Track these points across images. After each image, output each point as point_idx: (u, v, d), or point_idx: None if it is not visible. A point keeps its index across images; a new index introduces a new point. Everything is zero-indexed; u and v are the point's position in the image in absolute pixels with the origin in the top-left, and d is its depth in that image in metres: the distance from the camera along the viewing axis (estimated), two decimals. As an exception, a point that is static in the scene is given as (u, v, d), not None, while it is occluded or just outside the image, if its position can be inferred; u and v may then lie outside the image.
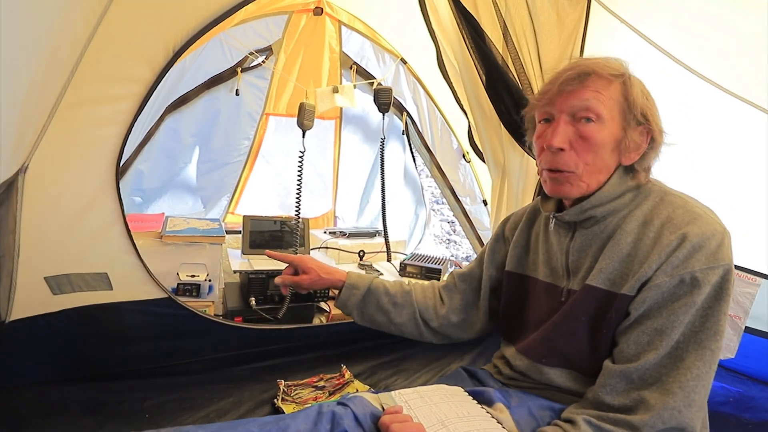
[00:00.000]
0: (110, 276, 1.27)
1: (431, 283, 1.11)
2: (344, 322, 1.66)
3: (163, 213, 1.96)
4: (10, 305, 1.16)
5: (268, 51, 2.28)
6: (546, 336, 0.84)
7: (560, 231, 0.88)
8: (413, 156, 2.68)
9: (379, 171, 2.17)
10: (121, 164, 1.19)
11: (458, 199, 2.48)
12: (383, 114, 2.08)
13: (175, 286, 1.53)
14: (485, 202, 2.41)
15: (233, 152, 2.47)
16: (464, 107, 1.97)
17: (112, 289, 1.28)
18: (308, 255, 1.23)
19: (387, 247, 2.18)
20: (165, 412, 1.24)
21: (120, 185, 1.20)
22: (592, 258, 0.81)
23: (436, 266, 1.93)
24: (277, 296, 1.60)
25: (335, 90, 2.20)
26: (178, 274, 1.55)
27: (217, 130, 2.35)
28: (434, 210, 4.47)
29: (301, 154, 1.67)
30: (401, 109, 2.52)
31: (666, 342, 0.70)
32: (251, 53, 2.19)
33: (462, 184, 2.45)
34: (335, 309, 1.65)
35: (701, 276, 0.69)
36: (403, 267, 1.95)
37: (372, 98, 2.11)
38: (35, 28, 0.80)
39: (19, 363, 1.24)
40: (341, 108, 2.62)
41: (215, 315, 1.55)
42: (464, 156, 2.41)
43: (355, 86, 2.34)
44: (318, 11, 2.26)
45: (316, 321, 1.68)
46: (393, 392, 0.83)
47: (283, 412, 1.23)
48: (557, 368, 0.84)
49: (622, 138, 0.78)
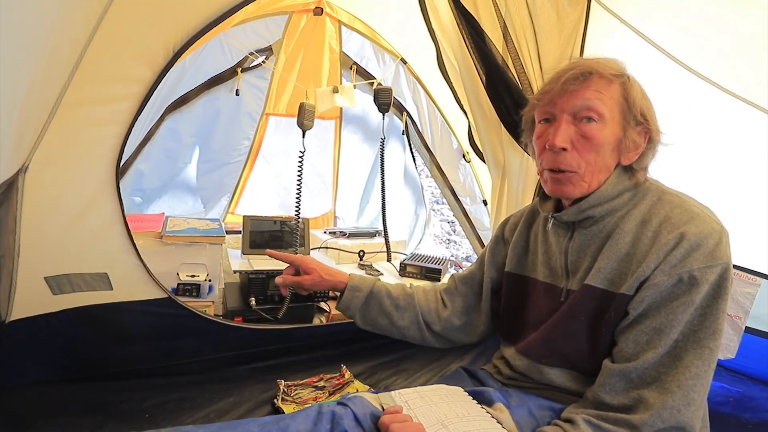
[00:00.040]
0: (110, 276, 1.27)
1: (433, 287, 1.10)
2: (344, 322, 1.66)
3: (163, 213, 1.96)
4: (10, 305, 1.16)
5: (268, 51, 2.28)
6: (546, 336, 0.84)
7: (559, 231, 0.88)
8: (413, 156, 2.68)
9: (379, 171, 2.17)
10: (121, 164, 1.19)
11: (458, 199, 2.48)
12: (383, 114, 2.08)
13: (175, 286, 1.53)
14: (485, 202, 2.41)
15: (233, 152, 2.47)
16: (464, 107, 1.97)
17: (112, 289, 1.29)
18: (309, 255, 1.23)
19: (387, 247, 2.18)
20: (165, 412, 1.24)
21: (120, 185, 1.20)
22: (591, 258, 0.81)
23: (436, 266, 1.92)
24: (277, 296, 1.60)
25: (335, 90, 2.20)
26: (178, 274, 1.55)
27: (217, 130, 2.35)
28: (434, 210, 4.47)
29: (301, 154, 1.67)
30: (401, 109, 2.52)
31: (665, 341, 0.70)
32: (251, 53, 2.19)
33: (462, 184, 2.45)
34: (335, 309, 1.65)
35: (699, 275, 0.70)
36: (403, 267, 1.95)
37: (372, 98, 2.11)
38: (35, 28, 0.80)
39: (19, 363, 1.24)
40: (341, 108, 2.62)
41: (215, 315, 1.55)
42: (464, 156, 2.41)
43: (355, 86, 2.34)
44: (318, 11, 2.26)
45: (316, 321, 1.68)
46: (393, 392, 0.83)
47: (283, 412, 1.23)
48: (557, 368, 0.84)
49: (622, 138, 0.78)
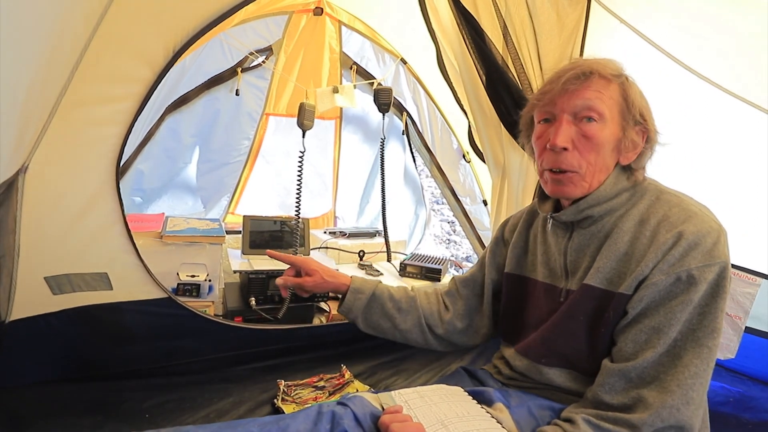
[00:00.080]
0: (110, 276, 1.27)
1: (434, 290, 1.09)
2: (344, 322, 1.65)
3: (163, 213, 1.96)
4: (10, 305, 1.16)
5: (268, 51, 2.28)
6: (545, 336, 0.84)
7: (558, 231, 0.88)
8: (413, 156, 2.68)
9: (379, 171, 2.17)
10: (121, 164, 1.19)
11: (458, 199, 2.48)
12: (383, 114, 2.08)
13: (175, 286, 1.53)
14: (485, 202, 2.41)
15: (233, 152, 2.47)
16: (464, 107, 1.97)
17: (112, 289, 1.29)
18: (310, 257, 1.22)
19: (387, 247, 2.18)
20: (165, 412, 1.24)
21: (120, 185, 1.20)
22: (590, 258, 0.81)
23: (436, 266, 1.92)
24: (277, 296, 1.60)
25: (335, 90, 2.20)
26: (178, 274, 1.55)
27: (217, 130, 2.35)
28: (434, 210, 4.47)
29: (301, 154, 1.67)
30: (401, 109, 2.52)
31: (664, 340, 0.70)
32: (251, 53, 2.19)
33: (462, 184, 2.45)
34: (335, 309, 1.65)
35: (698, 274, 0.70)
36: (403, 267, 1.95)
37: (372, 98, 2.12)
38: (35, 28, 0.80)
39: (19, 363, 1.24)
40: (341, 108, 2.62)
41: (215, 315, 1.55)
42: (464, 156, 2.40)
43: (355, 86, 2.34)
44: (318, 11, 2.26)
45: (316, 321, 1.68)
46: (393, 392, 0.83)
47: (283, 412, 1.23)
48: (557, 368, 0.84)
49: (622, 137, 0.78)
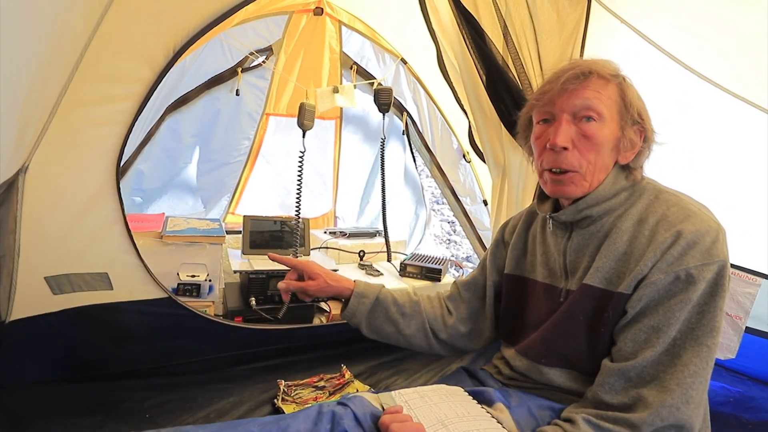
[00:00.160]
0: (110, 276, 1.27)
1: (437, 294, 1.09)
2: (344, 322, 1.65)
3: (164, 213, 1.97)
4: (11, 305, 1.16)
5: (269, 51, 2.28)
6: (545, 336, 0.85)
7: (557, 232, 0.88)
8: (413, 156, 2.68)
9: (379, 171, 2.17)
10: (122, 164, 1.20)
11: (458, 199, 2.48)
12: (383, 114, 2.08)
13: (176, 286, 1.53)
14: (485, 202, 2.41)
15: (233, 152, 2.47)
16: (464, 107, 1.97)
17: (113, 289, 1.29)
18: (313, 260, 1.22)
19: (387, 247, 2.18)
20: (165, 412, 1.24)
21: (120, 185, 1.20)
22: (590, 258, 0.81)
23: (436, 266, 1.92)
24: (277, 296, 1.60)
25: (335, 90, 2.20)
26: (179, 274, 1.55)
27: (218, 130, 2.35)
28: (434, 210, 4.47)
29: (302, 154, 1.67)
30: (401, 109, 2.52)
31: (663, 339, 0.70)
32: (251, 53, 2.19)
33: (462, 184, 2.45)
34: (335, 309, 1.65)
35: (696, 272, 0.70)
36: (404, 267, 1.95)
37: (372, 98, 2.12)
38: (35, 28, 0.80)
39: (19, 363, 1.24)
40: (341, 108, 2.62)
41: (215, 315, 1.55)
42: (464, 156, 2.41)
43: (356, 86, 2.34)
44: (318, 11, 2.26)
45: (316, 321, 1.68)
46: (393, 392, 0.83)
47: (283, 412, 1.23)
48: (557, 368, 0.84)
49: (621, 137, 0.79)
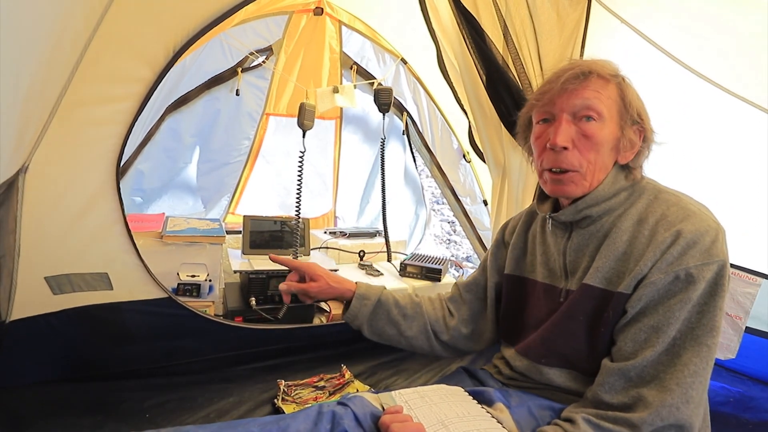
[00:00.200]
0: (110, 276, 1.27)
1: (438, 295, 1.09)
2: (344, 322, 1.65)
3: (164, 213, 1.97)
4: (11, 305, 1.16)
5: (269, 51, 2.28)
6: (545, 336, 0.85)
7: (557, 232, 0.88)
8: (413, 156, 2.68)
9: (380, 171, 2.17)
10: (122, 164, 1.19)
11: (458, 199, 2.47)
12: (383, 114, 2.08)
13: (176, 286, 1.53)
14: (485, 202, 2.41)
15: (233, 152, 2.47)
16: (464, 107, 1.97)
17: (113, 289, 1.29)
18: (314, 262, 1.21)
19: (387, 247, 2.18)
20: (165, 412, 1.24)
21: (120, 185, 1.20)
22: (589, 257, 0.81)
23: (437, 266, 1.92)
24: (278, 296, 1.60)
25: (335, 90, 2.20)
26: (179, 274, 1.55)
27: (218, 130, 2.35)
28: (434, 210, 4.47)
29: (302, 154, 1.67)
30: (401, 109, 2.52)
31: (662, 339, 0.71)
32: (251, 53, 2.19)
33: (462, 184, 2.45)
34: (335, 309, 1.65)
35: (696, 272, 0.70)
36: (404, 267, 1.95)
37: (372, 98, 2.12)
38: (35, 28, 0.80)
39: (19, 363, 1.24)
40: (341, 108, 2.62)
41: (215, 315, 1.55)
42: (464, 156, 2.41)
43: (356, 86, 2.34)
44: (318, 11, 2.26)
45: (316, 321, 1.68)
46: (393, 392, 0.83)
47: (283, 412, 1.23)
48: (557, 368, 0.84)
49: (620, 137, 0.79)
